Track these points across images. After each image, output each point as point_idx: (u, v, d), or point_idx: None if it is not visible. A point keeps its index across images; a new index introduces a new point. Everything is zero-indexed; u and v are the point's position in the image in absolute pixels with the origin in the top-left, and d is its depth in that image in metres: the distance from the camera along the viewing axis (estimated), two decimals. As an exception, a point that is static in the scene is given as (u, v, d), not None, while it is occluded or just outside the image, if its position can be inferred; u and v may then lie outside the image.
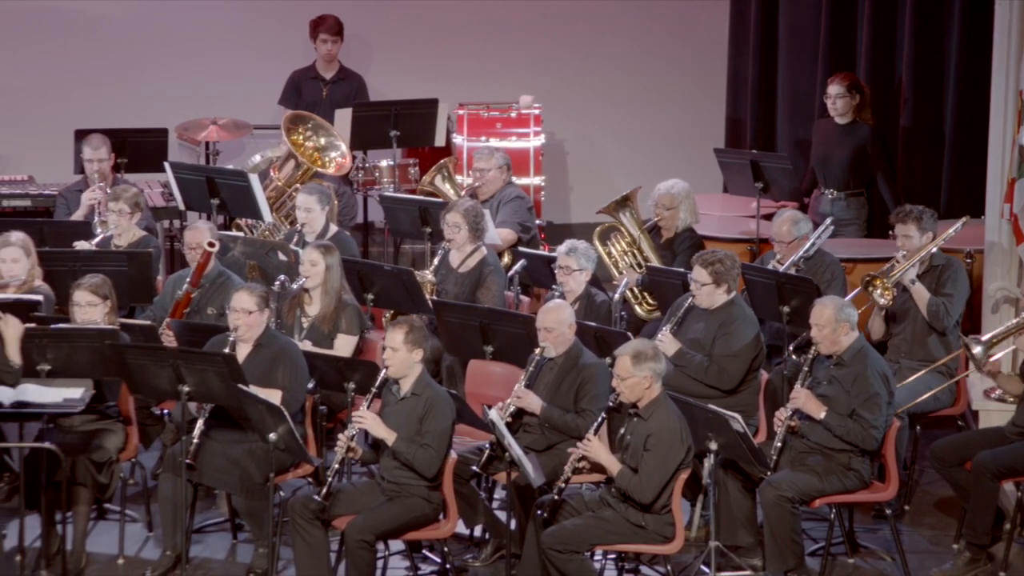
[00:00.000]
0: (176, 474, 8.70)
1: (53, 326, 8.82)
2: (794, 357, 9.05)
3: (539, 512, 8.41)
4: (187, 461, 8.63)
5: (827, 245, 10.51)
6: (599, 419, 8.52)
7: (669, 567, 8.56)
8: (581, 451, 8.42)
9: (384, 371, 8.54)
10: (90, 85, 13.28)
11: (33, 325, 8.76)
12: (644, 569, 8.91)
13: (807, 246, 10.14)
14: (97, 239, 10.48)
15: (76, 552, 8.84)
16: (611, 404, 8.49)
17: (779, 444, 8.82)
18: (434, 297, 10.25)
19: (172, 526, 8.78)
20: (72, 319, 9.07)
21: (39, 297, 9.38)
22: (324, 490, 8.40)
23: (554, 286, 9.98)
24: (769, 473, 8.69)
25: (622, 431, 8.51)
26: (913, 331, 9.74)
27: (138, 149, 12.07)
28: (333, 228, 10.78)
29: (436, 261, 10.50)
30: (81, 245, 10.40)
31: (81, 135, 11.56)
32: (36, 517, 8.80)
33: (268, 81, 13.03)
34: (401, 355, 8.51)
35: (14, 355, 8.29)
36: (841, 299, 9.01)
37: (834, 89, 11.83)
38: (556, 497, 8.42)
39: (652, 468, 8.28)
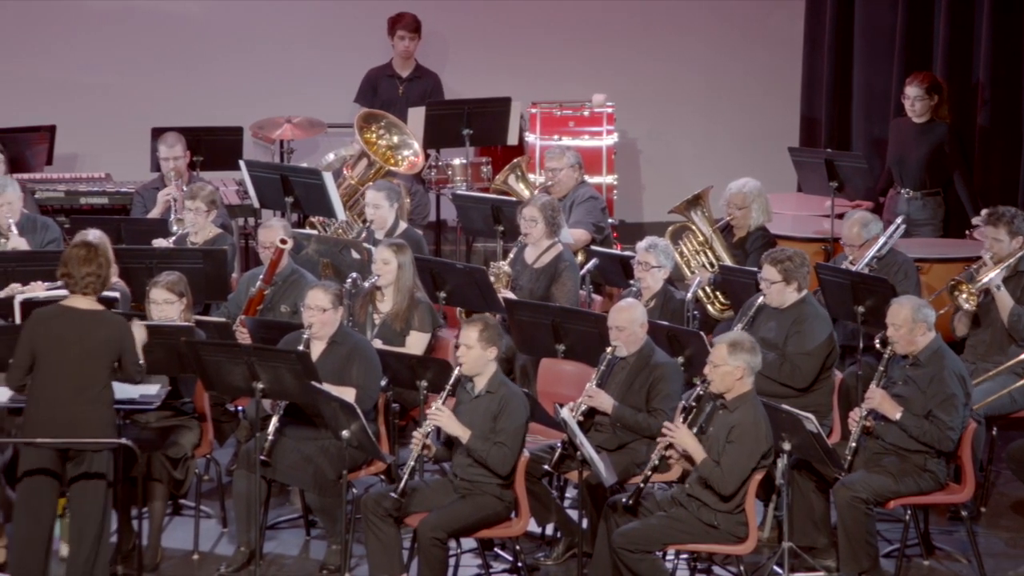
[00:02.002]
0: (250, 470, 8.75)
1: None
2: (878, 346, 8.91)
3: (624, 500, 8.38)
4: (261, 458, 8.68)
5: (902, 245, 10.43)
6: (686, 405, 8.48)
7: (742, 567, 8.52)
8: (668, 438, 8.39)
9: (458, 369, 8.56)
10: (167, 83, 13.39)
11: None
12: (716, 569, 8.87)
13: (878, 245, 10.07)
14: (174, 237, 10.56)
15: (151, 547, 8.91)
16: (700, 392, 8.45)
17: (853, 445, 8.76)
18: (508, 292, 10.24)
19: (246, 522, 8.83)
20: (148, 316, 9.14)
21: (116, 294, 9.44)
22: (400, 487, 8.42)
23: (631, 282, 9.96)
24: (843, 474, 8.63)
25: (700, 424, 8.47)
26: (992, 334, 9.65)
27: (213, 147, 12.16)
28: (402, 225, 10.81)
29: (511, 255, 10.50)
30: (159, 243, 10.48)
31: (157, 133, 11.66)
32: (112, 512, 8.87)
33: (342, 79, 13.09)
34: (475, 353, 8.52)
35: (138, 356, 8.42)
36: (919, 299, 8.94)
37: (912, 91, 11.72)
38: (643, 485, 8.39)
39: (735, 459, 8.25)
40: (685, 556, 8.82)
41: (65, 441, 8.12)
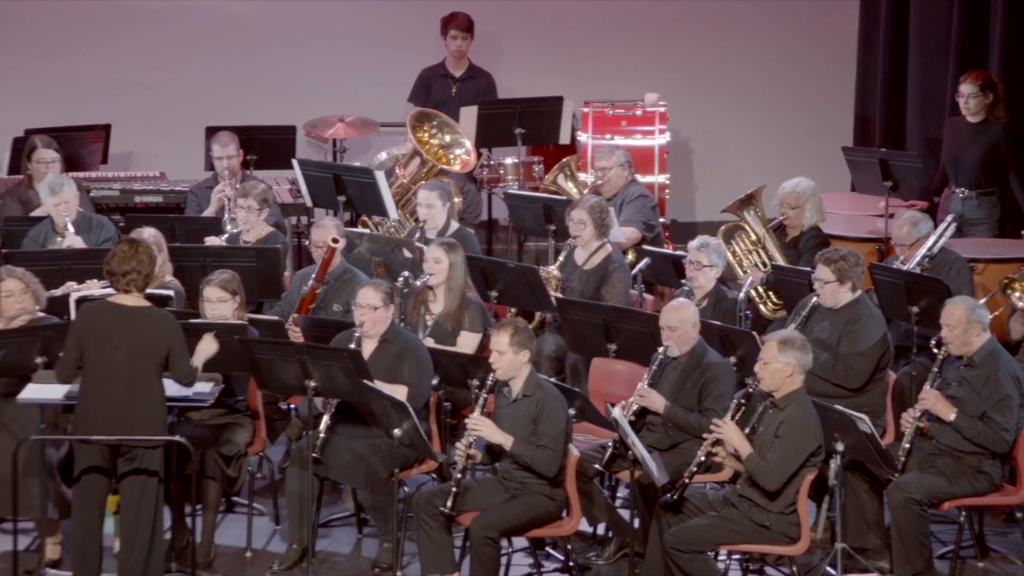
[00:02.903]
0: (303, 468, 8.78)
1: (183, 321, 8.93)
2: (934, 348, 8.86)
3: (668, 496, 8.37)
4: (313, 455, 8.70)
5: (956, 245, 10.36)
6: (735, 403, 8.46)
7: (794, 568, 8.49)
8: (715, 434, 8.37)
9: (492, 375, 8.55)
10: (221, 82, 13.45)
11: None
12: (769, 570, 8.84)
13: (929, 244, 10.01)
14: (226, 235, 10.61)
15: (205, 544, 8.95)
16: (750, 390, 8.43)
17: (907, 446, 8.71)
18: (559, 294, 10.24)
19: (299, 520, 8.86)
20: (202, 314, 9.18)
21: (170, 293, 9.51)
22: (450, 502, 8.42)
23: (683, 281, 9.94)
24: (897, 475, 8.59)
25: (751, 423, 8.44)
26: (1048, 335, 9.59)
27: (267, 146, 12.20)
28: (454, 225, 10.82)
29: (561, 257, 10.50)
30: (211, 241, 10.53)
31: (211, 132, 11.71)
32: (166, 510, 8.92)
33: (395, 79, 13.12)
34: (508, 358, 8.51)
35: (197, 362, 8.43)
36: (973, 300, 8.88)
37: (966, 88, 11.64)
38: (688, 481, 8.38)
39: (780, 455, 8.22)
40: (737, 556, 8.80)
41: (120, 439, 8.17)
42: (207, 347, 8.47)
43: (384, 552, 8.87)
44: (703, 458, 8.42)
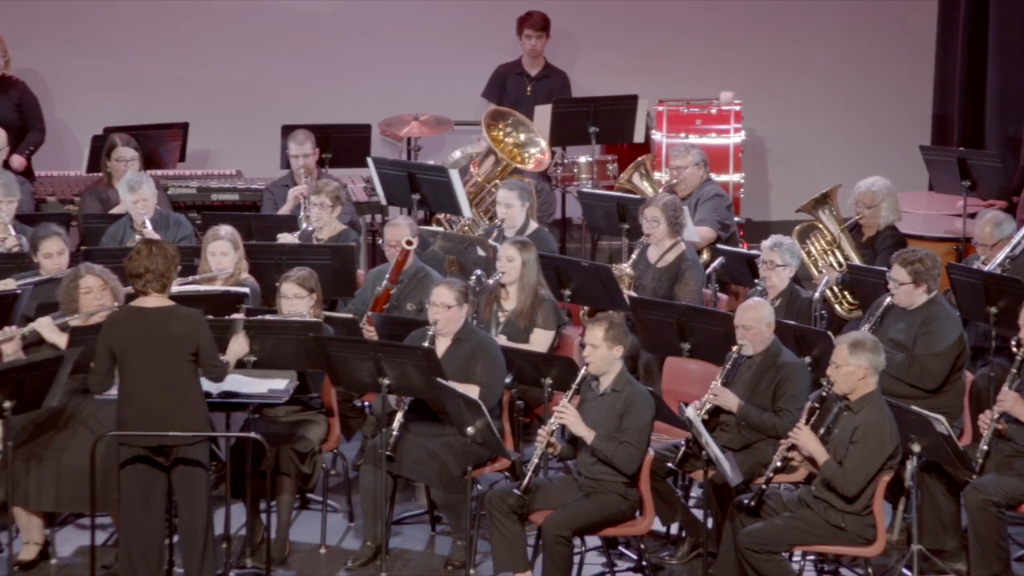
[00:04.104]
0: (376, 466, 8.81)
1: (259, 318, 9.00)
2: (1015, 351, 8.75)
3: (746, 501, 8.34)
4: (387, 453, 8.74)
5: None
6: (809, 406, 8.41)
7: (870, 570, 8.44)
8: (791, 439, 8.33)
9: (584, 368, 8.55)
10: (297, 82, 13.53)
11: (240, 316, 8.96)
12: (844, 571, 8.79)
13: (1012, 245, 9.91)
14: (298, 232, 10.66)
15: (280, 541, 9.00)
16: (823, 393, 8.38)
17: (985, 447, 8.63)
18: (632, 292, 10.23)
19: (372, 517, 8.90)
20: (279, 311, 9.24)
21: (246, 290, 9.57)
22: (523, 483, 8.44)
23: (757, 281, 9.90)
24: (974, 476, 8.51)
25: (827, 426, 8.39)
26: None
27: (342, 144, 12.26)
28: (533, 224, 10.82)
29: (634, 255, 10.48)
30: (284, 238, 10.59)
31: (288, 130, 11.77)
32: (241, 506, 8.99)
33: (470, 77, 13.14)
34: (601, 352, 8.51)
35: (230, 357, 8.46)
36: (1054, 300, 8.79)
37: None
38: (764, 487, 8.34)
39: (858, 461, 8.17)
40: (812, 557, 8.75)
41: (199, 435, 8.18)
42: (239, 347, 8.47)
43: (457, 550, 8.90)
44: (779, 463, 8.37)
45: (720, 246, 10.86)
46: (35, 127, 12.11)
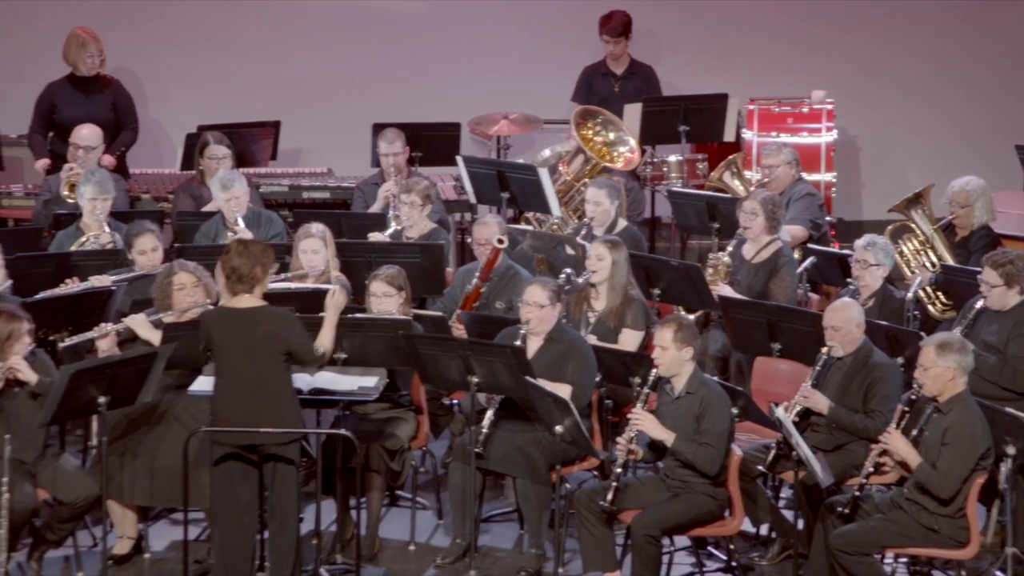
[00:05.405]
0: (466, 463, 8.83)
1: (349, 315, 9.04)
2: None
3: (840, 510, 8.28)
4: (476, 450, 8.75)
5: None
6: (899, 409, 8.34)
7: (963, 573, 8.36)
8: (882, 444, 8.26)
9: (654, 371, 8.52)
10: (387, 81, 13.59)
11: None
12: (936, 574, 8.71)
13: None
14: (388, 232, 10.70)
15: (369, 537, 9.04)
16: (912, 396, 8.31)
17: (1081, 450, 8.52)
18: (726, 286, 10.15)
19: (461, 515, 8.91)
20: (368, 309, 9.29)
21: (336, 287, 9.61)
22: (610, 496, 8.43)
23: (849, 281, 9.82)
24: (1070, 480, 8.41)
25: (917, 428, 8.32)
26: None
27: (432, 143, 12.30)
28: (622, 223, 10.80)
29: (731, 247, 10.41)
30: (375, 237, 10.64)
31: (378, 129, 11.82)
32: (331, 502, 9.04)
33: (559, 75, 13.14)
34: (671, 354, 8.47)
35: (326, 340, 8.49)
36: None
37: None
38: (858, 493, 8.28)
39: (951, 462, 8.10)
40: (904, 560, 8.68)
41: (290, 431, 8.25)
42: (337, 300, 8.46)
43: (532, 558, 8.84)
44: (871, 468, 8.31)
45: (811, 246, 10.79)
46: (128, 127, 12.25)
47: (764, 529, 9.07)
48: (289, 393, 8.28)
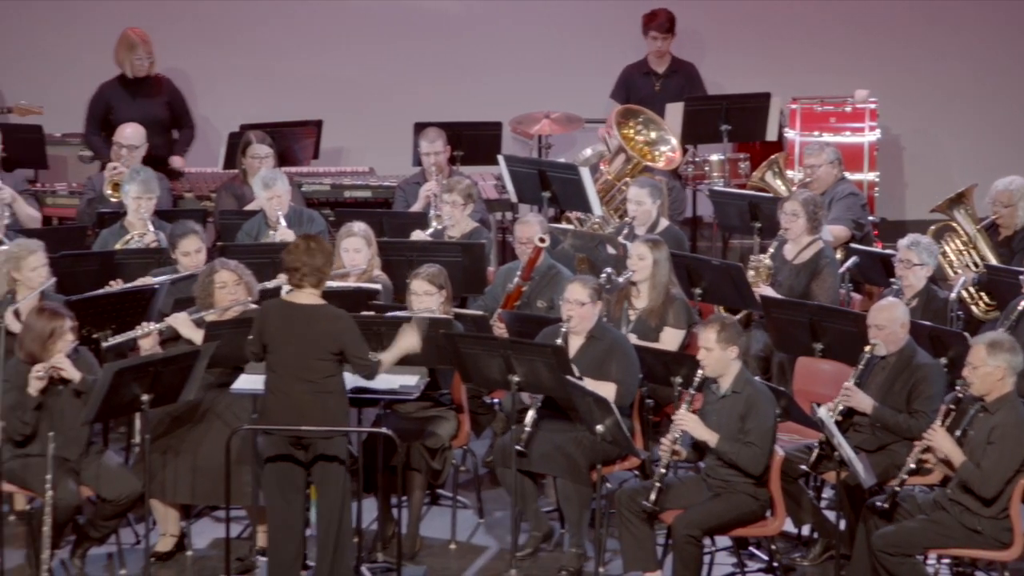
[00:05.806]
0: (506, 464, 8.80)
1: (389, 314, 9.05)
2: None
3: (878, 504, 8.25)
4: (518, 448, 8.74)
5: None
6: (944, 408, 8.30)
7: (1006, 574, 8.30)
8: (926, 440, 8.23)
9: (700, 372, 8.50)
10: (429, 80, 13.61)
11: (371, 313, 9.02)
12: (979, 575, 8.66)
13: None
14: (430, 231, 10.71)
15: (410, 536, 9.06)
16: (959, 395, 8.27)
17: None
18: (768, 287, 10.12)
19: (527, 509, 8.89)
20: (409, 307, 9.29)
21: (378, 286, 9.65)
22: (653, 496, 8.41)
23: (892, 280, 9.78)
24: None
25: (962, 428, 8.27)
26: None
27: (473, 142, 12.30)
28: (664, 222, 10.78)
29: (772, 249, 10.39)
30: (416, 235, 10.65)
31: (419, 128, 11.84)
32: (373, 500, 9.05)
33: (600, 74, 13.13)
34: (716, 354, 8.45)
35: (395, 352, 8.47)
36: None
37: None
38: (898, 489, 8.24)
39: (996, 461, 8.06)
40: (947, 561, 8.64)
41: (331, 429, 8.27)
42: (407, 344, 8.43)
43: (572, 557, 8.83)
44: (913, 465, 8.27)
45: (854, 245, 10.75)
46: (186, 124, 12.35)
47: (806, 530, 9.04)
48: (339, 392, 8.29)
